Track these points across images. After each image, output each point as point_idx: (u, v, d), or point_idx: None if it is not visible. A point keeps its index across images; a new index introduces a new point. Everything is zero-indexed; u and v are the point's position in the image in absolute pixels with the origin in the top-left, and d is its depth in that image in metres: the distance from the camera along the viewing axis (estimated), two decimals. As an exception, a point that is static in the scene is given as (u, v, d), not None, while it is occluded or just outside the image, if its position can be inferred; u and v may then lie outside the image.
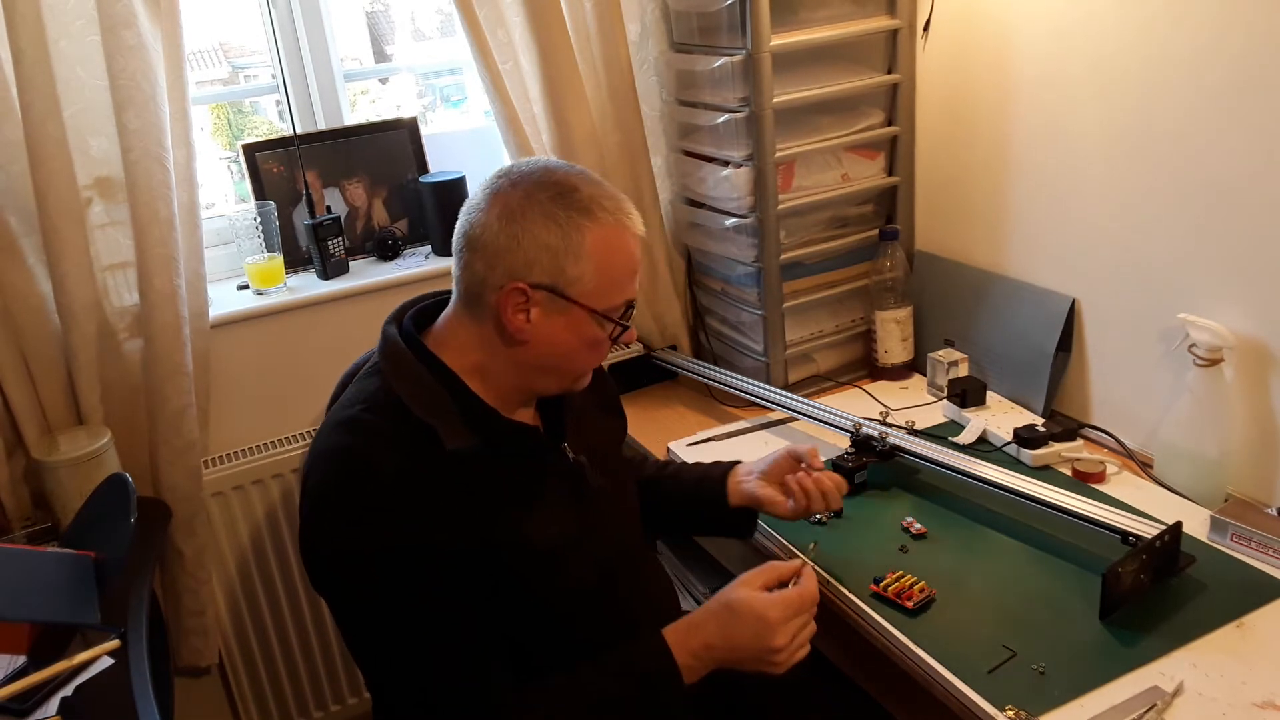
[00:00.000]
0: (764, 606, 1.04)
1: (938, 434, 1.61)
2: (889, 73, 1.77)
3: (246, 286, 1.79)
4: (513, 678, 1.02)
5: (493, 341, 1.02)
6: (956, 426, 1.64)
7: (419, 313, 1.09)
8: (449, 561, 0.96)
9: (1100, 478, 1.45)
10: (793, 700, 1.33)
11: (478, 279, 1.00)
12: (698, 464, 1.38)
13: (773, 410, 1.73)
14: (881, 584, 1.24)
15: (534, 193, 0.99)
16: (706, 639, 1.04)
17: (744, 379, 1.79)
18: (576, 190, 1.00)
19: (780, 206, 1.72)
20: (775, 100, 1.65)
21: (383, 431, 0.97)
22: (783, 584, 1.08)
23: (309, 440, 1.77)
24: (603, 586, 1.10)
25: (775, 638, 1.03)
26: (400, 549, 0.94)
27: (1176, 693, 1.04)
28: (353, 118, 1.94)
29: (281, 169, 1.84)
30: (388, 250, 1.90)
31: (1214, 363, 1.34)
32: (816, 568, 1.12)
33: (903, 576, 1.24)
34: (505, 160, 1.93)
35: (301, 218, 1.85)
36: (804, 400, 1.68)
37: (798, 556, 1.11)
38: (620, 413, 1.30)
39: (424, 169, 1.94)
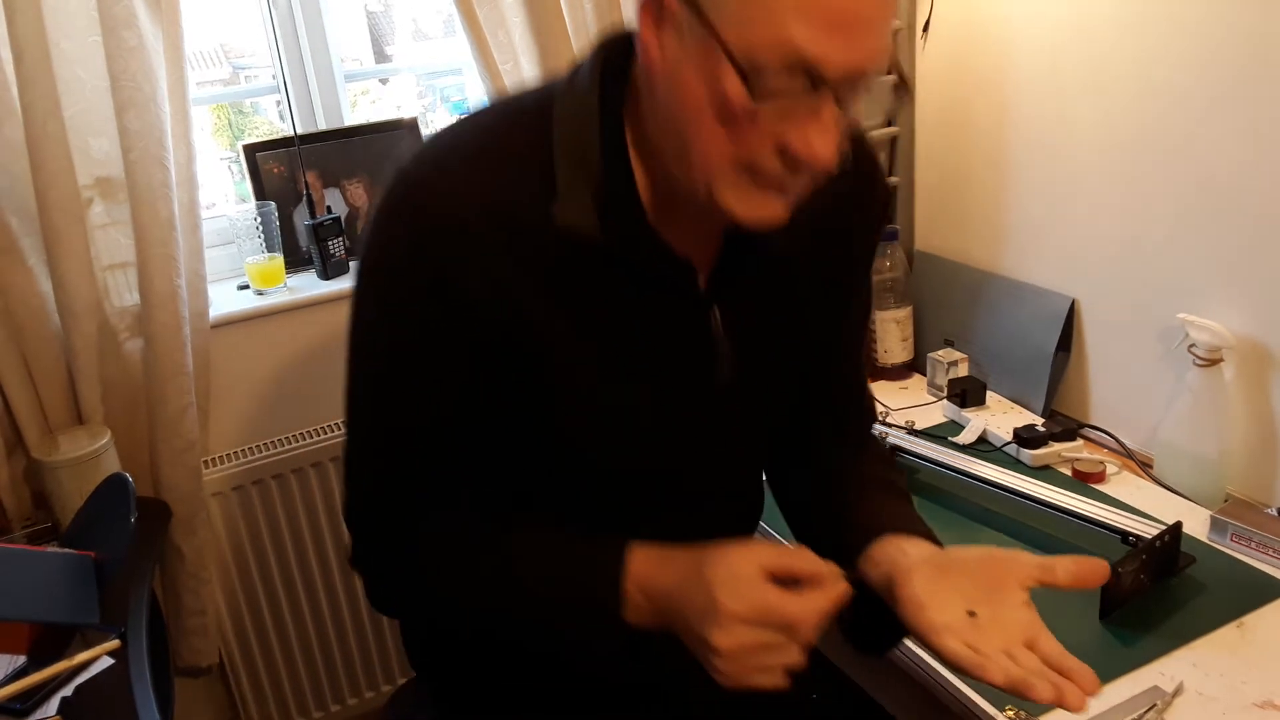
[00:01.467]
0: (724, 585, 0.70)
1: (937, 434, 1.61)
2: (888, 73, 1.77)
3: (247, 287, 1.79)
4: (469, 504, 0.83)
5: (646, 82, 0.73)
6: (956, 426, 1.64)
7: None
8: (480, 343, 0.76)
9: (1100, 478, 1.45)
10: (793, 701, 1.33)
11: None
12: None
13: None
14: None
15: None
16: (667, 585, 0.75)
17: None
18: None
19: (780, 207, 1.72)
20: (775, 100, 1.65)
21: (500, 151, 0.74)
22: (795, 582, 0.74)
23: (310, 440, 1.78)
24: (647, 495, 0.86)
25: (717, 633, 0.70)
26: (429, 302, 0.74)
27: (1176, 693, 1.04)
28: (353, 118, 1.94)
29: (282, 169, 1.84)
30: (388, 250, 1.90)
31: (1214, 363, 1.34)
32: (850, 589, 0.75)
33: (902, 576, 1.24)
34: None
35: (302, 218, 1.85)
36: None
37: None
38: (853, 292, 0.93)
39: (424, 169, 1.94)
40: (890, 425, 1.62)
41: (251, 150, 1.82)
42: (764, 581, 0.71)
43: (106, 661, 1.17)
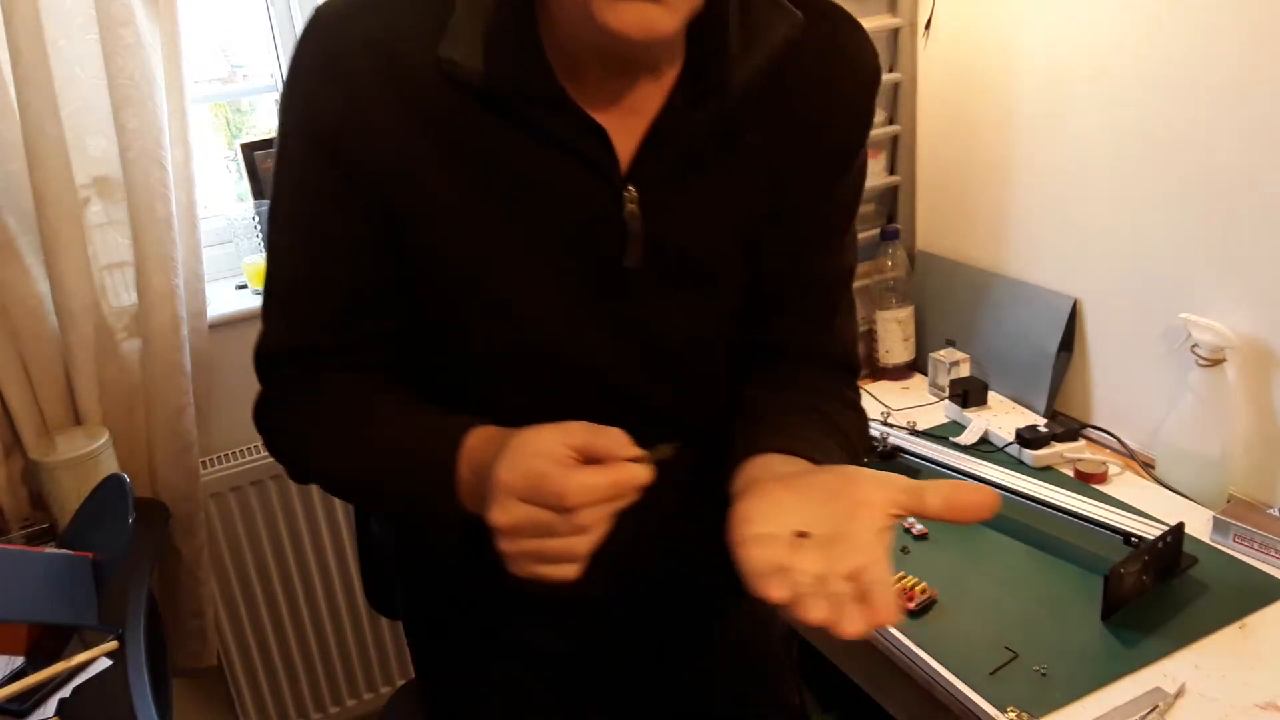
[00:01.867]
0: (507, 456, 0.64)
1: (939, 434, 1.61)
2: (890, 72, 1.77)
3: (245, 286, 1.78)
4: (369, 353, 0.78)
5: None
6: (958, 427, 1.64)
7: None
8: (361, 194, 0.72)
9: (1102, 478, 1.45)
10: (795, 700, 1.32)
11: None
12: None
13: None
14: (882, 585, 1.23)
15: None
16: (486, 461, 0.67)
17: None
18: None
19: (781, 206, 1.72)
20: (776, 99, 1.65)
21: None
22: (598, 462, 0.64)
23: (308, 440, 1.77)
24: (558, 385, 0.78)
25: (494, 508, 0.63)
26: (310, 146, 0.73)
27: (1179, 694, 1.03)
28: (352, 117, 1.93)
29: (280, 168, 1.83)
30: (387, 250, 1.89)
31: (1216, 363, 1.34)
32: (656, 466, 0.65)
33: (904, 578, 1.24)
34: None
35: (301, 217, 1.85)
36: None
37: (655, 451, 0.65)
38: (820, 194, 0.81)
39: (423, 168, 1.94)
40: (892, 425, 1.62)
41: (250, 149, 1.81)
42: (550, 456, 0.62)
43: (105, 663, 1.17)
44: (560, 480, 0.61)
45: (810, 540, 0.61)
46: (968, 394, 1.65)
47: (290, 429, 0.81)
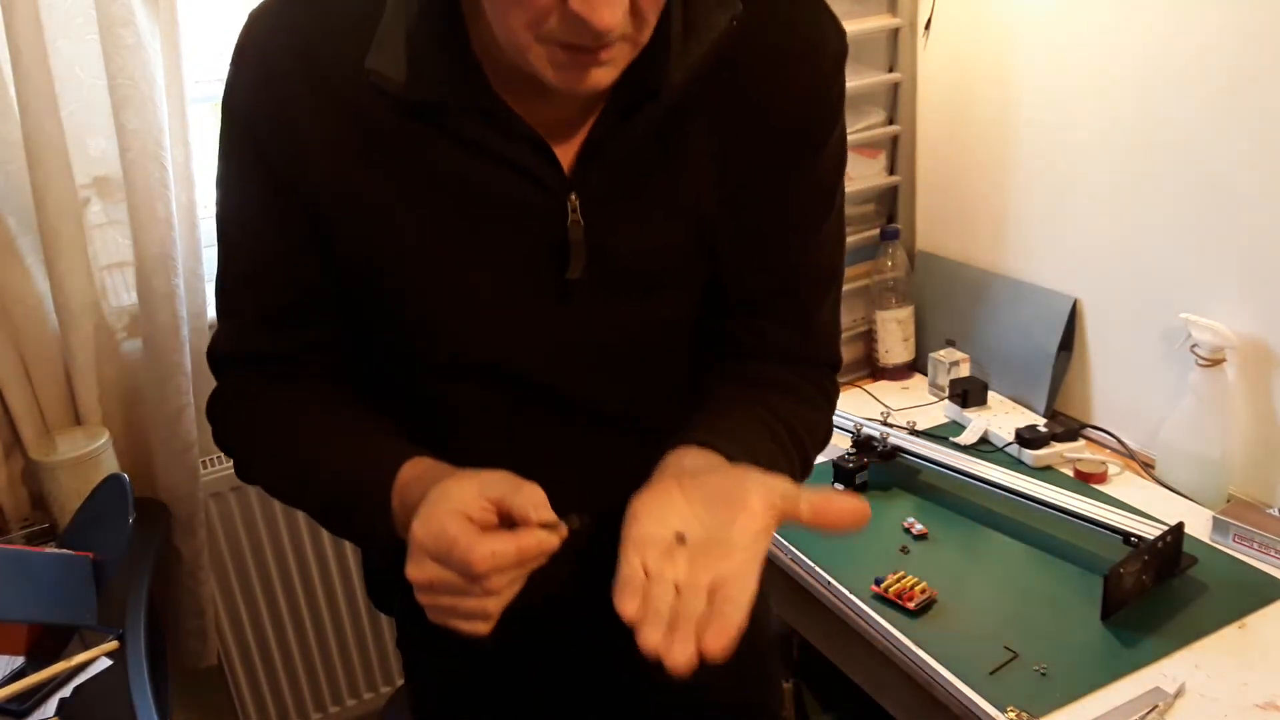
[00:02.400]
0: (425, 509, 0.63)
1: (939, 434, 1.61)
2: (890, 72, 1.77)
3: (245, 286, 1.78)
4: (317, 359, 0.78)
5: None
6: (958, 427, 1.64)
7: None
8: (295, 202, 0.72)
9: (1102, 478, 1.45)
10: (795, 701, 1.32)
11: None
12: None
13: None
14: (882, 585, 1.23)
15: None
16: (413, 501, 0.66)
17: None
18: None
19: (780, 206, 1.72)
20: (775, 99, 1.64)
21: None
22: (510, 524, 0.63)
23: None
24: (506, 399, 0.77)
25: (409, 563, 0.64)
26: (244, 150, 0.73)
27: (1178, 694, 1.03)
28: (352, 117, 1.93)
29: (280, 168, 1.83)
30: (387, 250, 1.89)
31: (1216, 363, 1.34)
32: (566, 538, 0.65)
33: (904, 577, 1.24)
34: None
35: (300, 217, 1.85)
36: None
37: (567, 520, 0.64)
38: (784, 186, 0.76)
39: (423, 168, 1.94)
40: (891, 425, 1.62)
41: (250, 149, 1.81)
42: (462, 514, 0.61)
43: (105, 663, 1.17)
44: (467, 548, 0.60)
45: (687, 543, 0.61)
46: (967, 394, 1.65)
47: (235, 430, 0.82)
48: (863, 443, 1.51)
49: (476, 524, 0.61)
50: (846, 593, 1.25)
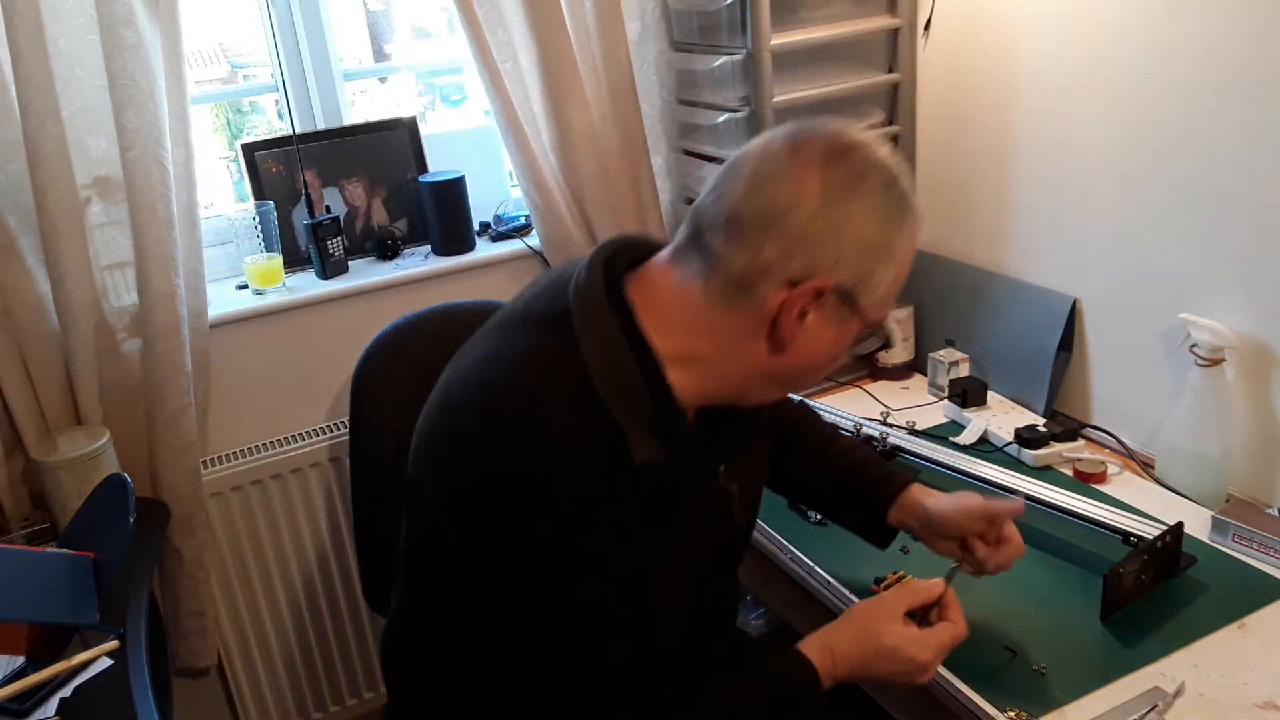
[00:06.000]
0: (918, 649, 0.95)
1: (938, 434, 1.61)
2: (890, 72, 1.77)
3: (245, 286, 1.79)
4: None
5: (737, 339, 0.84)
6: (957, 427, 1.64)
7: (629, 265, 0.88)
8: (612, 572, 0.86)
9: (1101, 478, 1.45)
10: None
11: (762, 265, 0.80)
12: (866, 456, 1.21)
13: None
14: (882, 584, 1.23)
15: (865, 174, 0.80)
16: (850, 668, 0.97)
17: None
18: (898, 177, 0.82)
19: (780, 206, 1.72)
20: (775, 100, 1.65)
21: (569, 416, 0.82)
22: (924, 609, 1.00)
23: (309, 440, 1.77)
24: (692, 608, 1.00)
25: (925, 675, 0.97)
26: (567, 553, 0.83)
27: (1178, 693, 1.03)
28: (352, 117, 1.93)
29: (280, 168, 1.83)
30: (387, 250, 1.89)
31: (1215, 363, 1.34)
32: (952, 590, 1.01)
33: (903, 577, 1.24)
34: (505, 160, 1.93)
35: (301, 217, 1.85)
36: (804, 400, 1.68)
37: (939, 578, 1.00)
38: (769, 424, 1.11)
39: (423, 169, 1.94)
40: (891, 425, 1.62)
41: (250, 149, 1.81)
42: (917, 624, 0.99)
43: (105, 662, 1.17)
44: (958, 634, 0.99)
45: None
46: (967, 394, 1.66)
47: None
48: (862, 443, 1.51)
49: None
50: (846, 592, 1.25)
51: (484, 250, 1.90)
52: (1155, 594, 1.19)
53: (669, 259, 0.87)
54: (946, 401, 1.70)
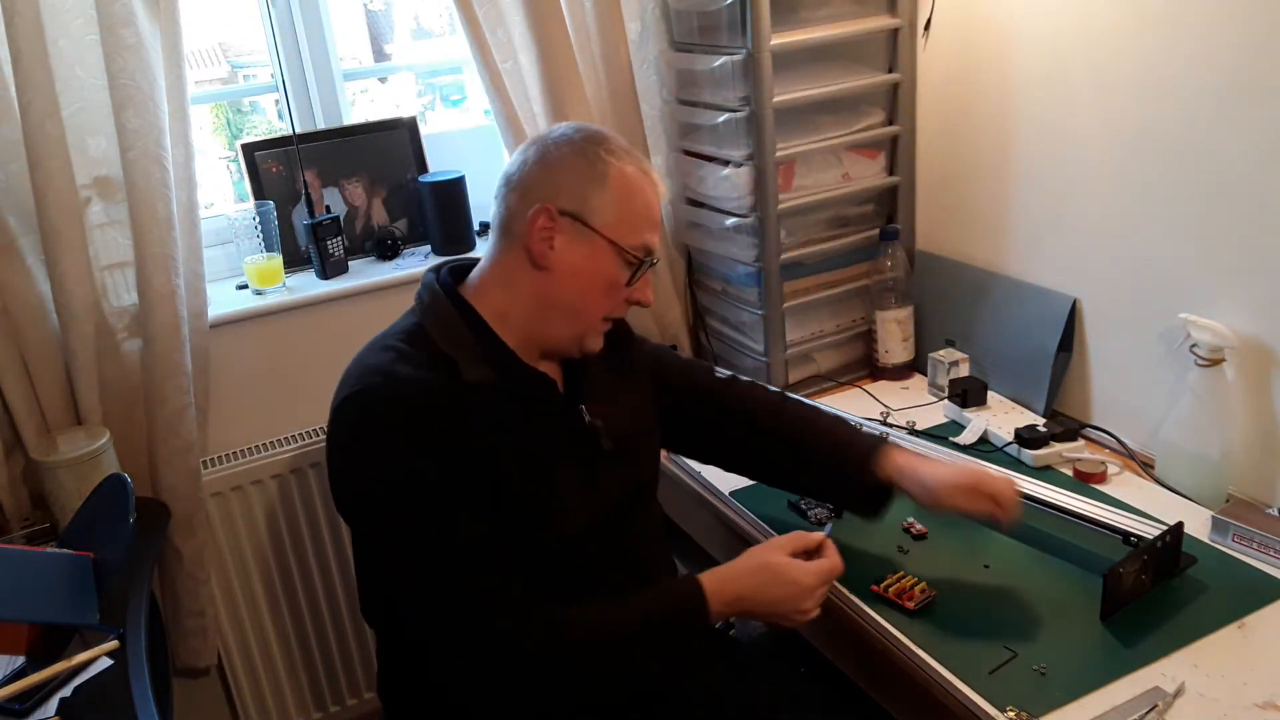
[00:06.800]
0: (802, 574, 1.11)
1: (938, 434, 1.61)
2: (890, 72, 1.77)
3: (245, 286, 1.79)
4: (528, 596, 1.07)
5: (517, 272, 1.10)
6: (957, 427, 1.64)
7: (454, 269, 1.18)
8: (467, 476, 1.03)
9: (1101, 478, 1.45)
10: (794, 701, 1.33)
11: (511, 211, 1.10)
12: (833, 420, 1.34)
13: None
14: (882, 584, 1.23)
15: (570, 137, 1.11)
16: (740, 591, 1.11)
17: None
18: (609, 139, 1.11)
19: (781, 206, 1.72)
20: (775, 100, 1.65)
21: (409, 355, 1.06)
22: (808, 553, 1.14)
23: (309, 440, 1.77)
24: (592, 541, 1.14)
25: (807, 601, 1.11)
26: (424, 456, 1.01)
27: (1178, 694, 1.03)
28: (352, 117, 1.93)
29: (280, 168, 1.83)
30: (387, 250, 1.90)
31: (1215, 363, 1.34)
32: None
33: (903, 577, 1.24)
34: (505, 160, 1.92)
35: (301, 217, 1.85)
36: (805, 400, 1.68)
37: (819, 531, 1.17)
38: (645, 383, 1.30)
39: (423, 168, 1.94)
40: (891, 425, 1.62)
41: (250, 149, 1.81)
42: (800, 561, 1.13)
43: (105, 662, 1.17)
44: (835, 565, 1.14)
45: None
46: (967, 394, 1.66)
47: (525, 667, 1.05)
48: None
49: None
50: (846, 592, 1.25)
51: (484, 250, 1.90)
52: (1155, 594, 1.19)
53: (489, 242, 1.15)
54: (946, 401, 1.70)
